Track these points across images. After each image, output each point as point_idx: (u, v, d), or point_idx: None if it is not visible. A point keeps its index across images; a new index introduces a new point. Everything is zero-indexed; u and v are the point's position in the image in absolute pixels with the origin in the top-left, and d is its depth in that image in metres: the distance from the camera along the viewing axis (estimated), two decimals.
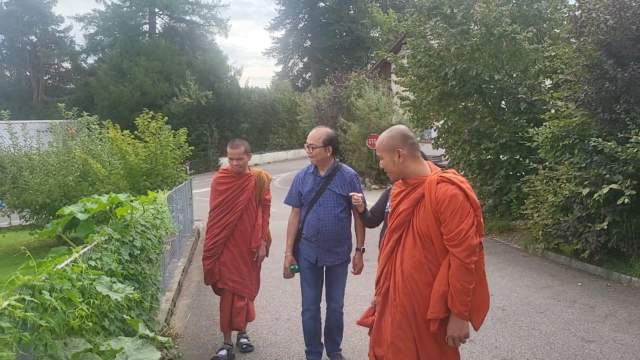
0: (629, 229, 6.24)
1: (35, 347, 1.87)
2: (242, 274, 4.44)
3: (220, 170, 4.57)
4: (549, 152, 7.37)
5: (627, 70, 5.79)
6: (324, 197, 3.73)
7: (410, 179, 2.54)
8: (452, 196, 2.39)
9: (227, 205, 4.37)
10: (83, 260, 2.56)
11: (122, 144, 9.83)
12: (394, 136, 2.56)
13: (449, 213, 2.37)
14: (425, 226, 2.45)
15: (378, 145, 2.61)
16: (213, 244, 4.41)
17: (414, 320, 2.42)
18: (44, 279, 1.99)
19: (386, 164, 2.59)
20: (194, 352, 4.57)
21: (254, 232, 4.44)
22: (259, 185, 4.47)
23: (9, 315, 1.68)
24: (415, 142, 2.57)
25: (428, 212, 2.44)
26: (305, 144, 3.83)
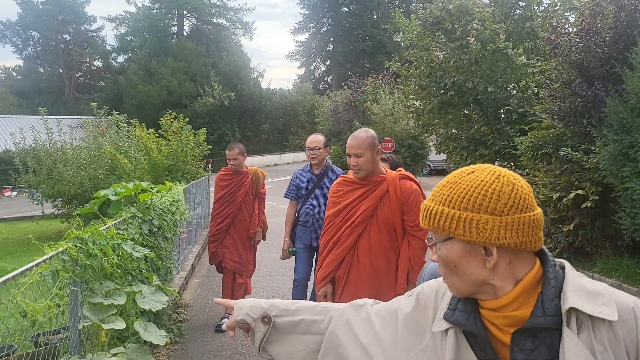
0: (593, 230, 6.92)
1: (82, 280, 2.77)
2: (241, 256, 5.32)
3: (222, 169, 5.44)
4: (530, 160, 8.08)
5: (590, 89, 6.49)
6: (318, 191, 4.44)
7: (374, 177, 2.89)
8: (415, 190, 2.89)
9: (228, 198, 5.24)
10: (114, 228, 3.46)
11: (147, 141, 10.85)
12: (374, 136, 2.88)
13: (414, 204, 2.84)
14: (390, 217, 2.87)
15: (360, 143, 2.82)
16: (217, 231, 5.30)
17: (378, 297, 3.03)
18: (89, 235, 2.89)
19: (366, 161, 2.83)
20: (200, 317, 5.47)
21: (252, 221, 5.33)
22: (255, 181, 5.34)
23: (67, 253, 2.57)
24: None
25: (394, 204, 2.85)
26: (306, 148, 4.49)
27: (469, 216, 1.00)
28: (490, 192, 1.00)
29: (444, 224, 1.02)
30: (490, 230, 0.98)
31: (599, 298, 0.96)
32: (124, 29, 48.81)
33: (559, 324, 0.96)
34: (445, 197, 1.04)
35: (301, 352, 1.29)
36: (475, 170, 1.06)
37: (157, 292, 3.31)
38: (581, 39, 6.74)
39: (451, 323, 1.06)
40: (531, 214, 1.01)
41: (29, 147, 13.63)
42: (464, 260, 1.02)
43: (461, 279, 1.04)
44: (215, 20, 49.00)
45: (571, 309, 0.96)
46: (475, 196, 1.00)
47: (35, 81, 50.21)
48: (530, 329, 0.98)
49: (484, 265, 1.01)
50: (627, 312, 0.95)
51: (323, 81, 57.92)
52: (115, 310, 2.91)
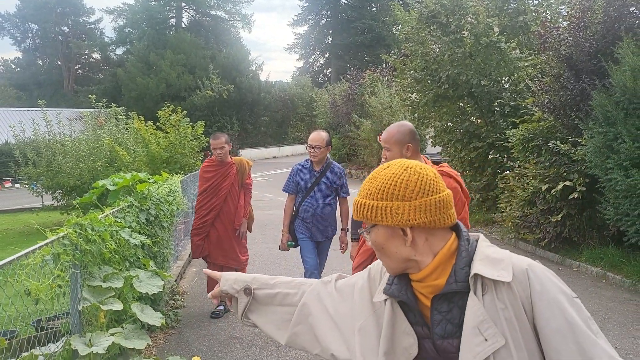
0: (580, 221, 7.10)
1: (81, 264, 2.94)
2: (226, 250, 5.21)
3: (206, 160, 5.38)
4: (521, 152, 8.24)
5: (578, 83, 6.64)
6: (318, 188, 4.48)
7: None
8: (453, 189, 2.66)
9: (213, 190, 5.14)
10: (112, 216, 3.62)
11: (146, 134, 10.99)
12: (404, 131, 2.76)
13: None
14: None
15: (388, 138, 2.75)
16: (202, 224, 5.19)
17: None
18: (88, 222, 3.05)
19: (393, 156, 2.72)
20: (196, 304, 5.64)
21: (237, 213, 5.20)
22: (241, 171, 5.24)
23: (68, 238, 2.73)
24: (418, 138, 2.83)
25: None
26: (307, 146, 4.46)
27: (384, 204, 1.16)
28: (399, 182, 1.16)
29: (367, 214, 1.19)
30: (402, 214, 1.14)
31: (500, 264, 1.12)
32: (122, 21, 48.75)
33: (466, 288, 1.12)
34: (367, 191, 1.20)
35: (277, 321, 1.46)
36: (389, 166, 1.22)
37: (154, 276, 3.48)
38: (570, 33, 6.88)
39: (388, 295, 1.23)
40: (437, 196, 1.16)
41: (28, 140, 13.73)
42: (388, 243, 1.18)
43: (390, 258, 1.20)
44: (213, 12, 48.92)
45: (476, 275, 1.11)
46: (387, 187, 1.16)
47: (34, 73, 50.21)
48: (445, 294, 1.14)
49: (405, 244, 1.17)
50: (522, 274, 1.10)
51: (322, 74, 57.89)
52: (113, 293, 3.08)
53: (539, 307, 1.07)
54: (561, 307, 1.06)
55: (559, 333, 1.05)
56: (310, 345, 1.41)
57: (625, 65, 5.64)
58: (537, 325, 1.08)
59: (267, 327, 1.48)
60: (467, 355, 1.08)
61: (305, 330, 1.41)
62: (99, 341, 2.79)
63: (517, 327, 1.07)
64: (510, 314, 1.08)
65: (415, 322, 1.20)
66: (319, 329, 1.39)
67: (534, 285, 1.09)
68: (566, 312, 1.06)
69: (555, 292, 1.09)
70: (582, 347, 1.04)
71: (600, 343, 1.06)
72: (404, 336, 1.20)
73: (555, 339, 1.05)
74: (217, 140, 5.08)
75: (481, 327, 1.07)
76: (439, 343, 1.15)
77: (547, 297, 1.07)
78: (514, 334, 1.07)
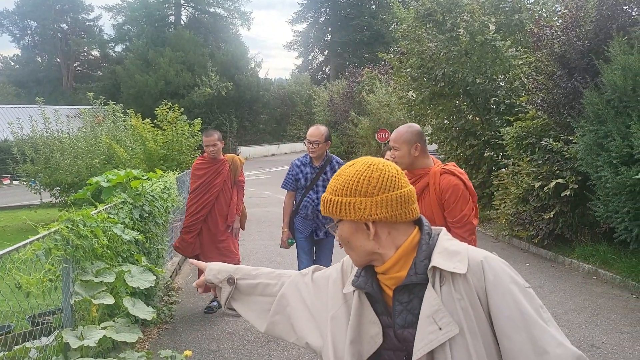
0: (573, 218, 7.15)
1: (73, 259, 2.99)
2: (220, 248, 5.14)
3: (198, 158, 5.34)
4: (515, 150, 8.30)
5: (570, 81, 6.69)
6: (318, 184, 4.30)
7: (417, 170, 2.90)
8: (454, 186, 2.77)
9: (205, 187, 5.07)
10: (105, 212, 3.67)
11: (143, 131, 11.03)
12: (414, 132, 2.88)
13: (452, 200, 2.76)
14: (430, 211, 2.82)
15: (397, 137, 2.87)
16: (194, 221, 5.12)
17: None
18: (80, 218, 3.10)
19: (402, 155, 2.86)
20: (190, 300, 5.70)
21: (230, 210, 5.16)
22: (233, 168, 5.21)
23: (59, 233, 2.79)
24: (425, 139, 2.96)
25: (432, 199, 2.82)
26: (306, 141, 4.33)
27: (348, 200, 1.21)
28: (361, 179, 1.21)
29: (332, 210, 1.24)
30: (364, 209, 1.19)
31: (456, 256, 1.17)
32: (121, 19, 48.72)
33: (426, 279, 1.17)
34: (333, 188, 1.26)
35: (257, 310, 1.53)
36: (354, 163, 1.27)
37: (146, 272, 3.53)
38: (563, 31, 6.93)
39: (355, 287, 1.29)
40: (398, 192, 1.21)
41: (26, 137, 13.76)
42: (353, 237, 1.24)
43: (355, 252, 1.26)
44: (212, 9, 48.91)
45: (434, 267, 1.17)
46: (351, 183, 1.22)
47: (33, 70, 50.21)
48: (406, 285, 1.20)
49: (368, 238, 1.22)
50: (477, 265, 1.16)
51: (321, 71, 57.92)
52: (105, 287, 3.13)
53: (492, 296, 1.13)
54: (513, 297, 1.12)
55: (511, 321, 1.10)
56: (287, 334, 1.47)
57: (616, 64, 5.69)
58: (492, 313, 1.13)
59: (249, 315, 1.55)
60: (420, 343, 1.14)
61: (283, 320, 1.47)
62: (91, 334, 2.84)
63: (473, 316, 1.12)
64: (466, 304, 1.13)
65: (380, 313, 1.25)
66: (296, 319, 1.44)
67: (488, 276, 1.14)
68: (518, 301, 1.12)
69: (508, 282, 1.14)
70: (532, 333, 1.09)
71: (550, 330, 1.11)
72: (370, 325, 1.25)
73: (507, 327, 1.11)
74: (209, 137, 5.03)
75: (436, 316, 1.13)
76: (399, 332, 1.20)
77: (500, 287, 1.13)
78: (469, 323, 1.12)
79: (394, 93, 13.32)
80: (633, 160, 5.45)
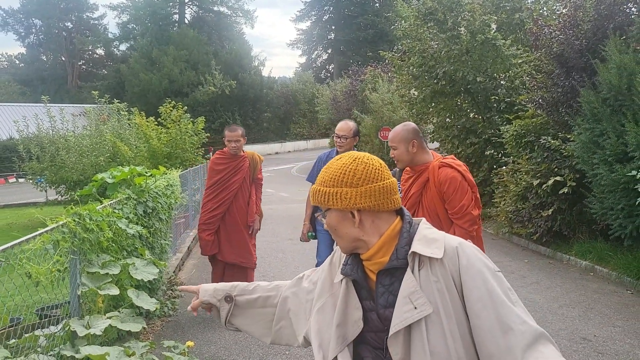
0: (571, 215, 7.24)
1: (80, 251, 3.11)
2: (238, 247, 4.94)
3: (218, 152, 5.12)
4: (514, 148, 8.39)
5: (568, 79, 6.78)
6: None
7: (418, 166, 2.99)
8: (451, 178, 2.86)
9: (223, 184, 4.85)
10: (110, 207, 3.80)
11: (147, 129, 11.18)
12: (409, 130, 2.98)
13: (451, 192, 2.85)
14: (433, 204, 2.93)
15: (394, 137, 2.97)
16: (211, 218, 4.88)
17: None
18: (86, 212, 3.22)
19: (400, 153, 2.97)
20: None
21: (249, 208, 4.96)
22: (252, 165, 4.99)
23: (67, 226, 2.91)
24: (422, 136, 3.05)
25: (433, 192, 2.92)
26: (334, 135, 4.27)
27: (335, 190, 1.31)
28: (347, 171, 1.32)
29: (321, 199, 1.34)
30: (350, 199, 1.30)
31: (434, 243, 1.28)
32: (125, 17, 48.94)
33: (405, 264, 1.28)
34: (322, 180, 1.36)
35: (260, 322, 1.62)
36: (342, 157, 1.37)
37: (149, 265, 3.66)
38: (561, 31, 7.01)
39: (343, 274, 1.39)
40: (381, 183, 1.31)
41: (32, 135, 13.91)
42: (340, 225, 1.34)
43: (342, 239, 1.36)
44: (216, 8, 49.07)
45: (413, 253, 1.27)
46: (337, 175, 1.32)
47: (38, 69, 50.47)
48: (388, 269, 1.30)
49: (354, 225, 1.32)
50: (452, 251, 1.26)
51: (325, 69, 57.99)
52: (110, 279, 3.26)
53: (465, 279, 1.24)
54: (484, 279, 1.23)
55: (480, 301, 1.21)
56: (292, 339, 1.56)
57: (612, 63, 5.77)
58: (464, 294, 1.24)
59: (252, 328, 1.63)
60: (397, 320, 1.24)
61: (287, 324, 1.57)
62: (97, 323, 2.97)
63: (448, 298, 1.23)
64: (442, 286, 1.24)
65: (364, 298, 1.36)
66: (297, 322, 1.54)
67: (461, 260, 1.25)
68: (488, 283, 1.22)
69: (480, 266, 1.25)
70: (499, 312, 1.20)
71: (516, 310, 1.21)
72: (354, 310, 1.36)
73: (477, 306, 1.21)
74: (234, 133, 4.78)
75: (412, 297, 1.24)
76: (381, 312, 1.31)
77: (472, 270, 1.24)
78: (444, 304, 1.23)
79: (396, 91, 13.41)
80: (627, 158, 5.54)
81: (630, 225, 5.61)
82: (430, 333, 1.22)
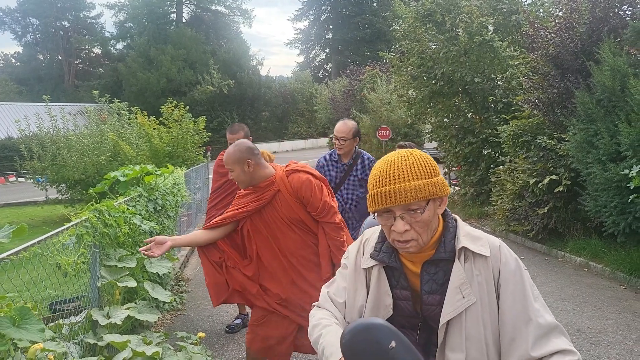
0: (566, 213, 7.43)
1: (100, 245, 3.27)
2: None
3: (222, 153, 4.81)
4: (511, 147, 8.57)
5: (563, 81, 6.96)
6: (348, 182, 4.06)
7: (261, 183, 2.87)
8: (304, 181, 2.83)
9: (229, 187, 4.54)
10: (124, 204, 3.95)
11: (149, 128, 11.32)
12: (242, 149, 2.82)
13: (309, 194, 2.82)
14: (293, 212, 2.87)
15: (227, 160, 2.83)
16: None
17: (308, 281, 2.94)
18: (105, 208, 3.38)
19: (237, 175, 2.83)
20: (199, 290, 5.98)
21: None
22: None
23: (89, 221, 3.07)
24: (259, 151, 2.91)
25: (290, 200, 2.85)
26: (332, 137, 4.03)
27: (433, 180, 1.39)
28: (424, 162, 1.41)
29: (428, 191, 1.38)
30: (443, 185, 1.42)
31: (479, 241, 1.45)
32: (123, 16, 48.97)
33: (452, 257, 1.44)
34: (403, 175, 1.38)
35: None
36: (390, 155, 1.45)
37: (163, 259, 3.82)
38: (556, 34, 7.19)
39: (377, 261, 1.51)
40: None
41: (32, 134, 13.97)
42: (433, 214, 1.42)
43: (428, 230, 1.42)
44: (214, 7, 49.14)
45: (462, 247, 1.43)
46: (423, 167, 1.40)
47: (35, 68, 50.44)
48: (434, 260, 1.46)
49: (436, 212, 1.43)
50: (495, 249, 1.44)
51: (322, 69, 58.15)
52: (127, 272, 3.42)
53: (503, 274, 1.43)
54: (518, 276, 1.43)
55: (513, 294, 1.40)
56: None
57: (606, 66, 5.95)
58: (501, 287, 1.42)
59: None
60: (449, 308, 1.41)
61: None
62: (116, 314, 3.13)
63: (486, 290, 1.41)
64: (482, 279, 1.42)
65: (396, 286, 1.51)
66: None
67: (502, 258, 1.44)
68: (520, 280, 1.42)
69: (516, 265, 1.45)
70: (525, 305, 1.39)
71: (536, 305, 1.40)
72: (385, 296, 1.51)
73: (509, 299, 1.40)
74: (234, 135, 4.24)
75: (462, 287, 1.41)
76: (425, 297, 1.47)
77: (510, 267, 1.43)
78: (482, 295, 1.41)
79: (394, 91, 13.58)
80: (620, 158, 5.73)
81: (623, 222, 5.80)
82: (467, 320, 1.40)
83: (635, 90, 5.39)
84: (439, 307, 1.44)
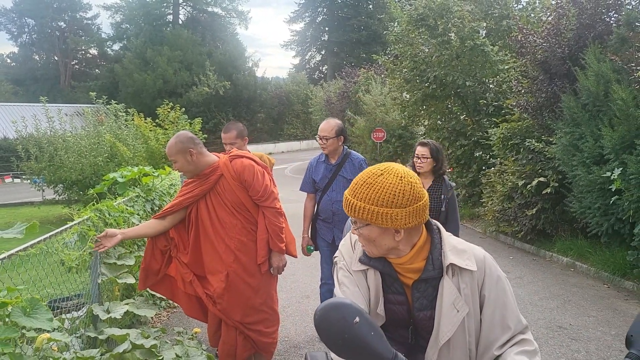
0: (553, 214, 7.62)
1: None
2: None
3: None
4: (501, 150, 8.76)
5: (551, 85, 7.15)
6: (336, 183, 3.96)
7: (205, 170, 3.01)
8: (247, 166, 2.99)
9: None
10: (123, 204, 4.10)
11: (145, 130, 11.45)
12: (182, 140, 2.95)
13: (251, 178, 2.96)
14: (235, 196, 3.00)
15: (170, 151, 2.94)
16: None
17: (247, 268, 3.08)
18: (105, 208, 3.53)
19: (181, 165, 2.96)
20: None
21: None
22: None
23: (91, 220, 3.22)
24: (199, 141, 3.04)
25: (233, 185, 2.99)
26: (317, 136, 3.97)
27: (385, 211, 1.39)
28: (397, 192, 1.39)
29: (365, 216, 1.42)
30: (400, 219, 1.40)
31: (465, 254, 1.49)
32: (119, 17, 48.94)
33: (441, 273, 1.48)
34: (365, 196, 1.42)
35: None
36: (383, 173, 1.43)
37: None
38: (544, 39, 7.38)
39: (369, 266, 1.54)
40: (422, 201, 1.43)
41: (28, 135, 14.03)
42: (379, 237, 1.46)
43: (377, 248, 1.49)
44: (210, 8, 49.22)
45: (451, 264, 1.47)
46: (387, 196, 1.39)
47: (31, 69, 50.37)
48: (424, 278, 1.50)
49: (394, 239, 1.45)
50: (480, 262, 1.49)
51: (318, 70, 58.33)
52: (126, 269, 3.57)
53: (486, 283, 1.51)
54: (499, 284, 1.51)
55: (494, 302, 1.49)
56: None
57: (590, 71, 6.15)
58: (485, 297, 1.50)
59: None
60: (448, 326, 1.47)
61: None
62: (116, 309, 3.28)
63: (471, 300, 1.50)
64: (468, 291, 1.50)
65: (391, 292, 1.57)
66: None
67: (486, 270, 1.51)
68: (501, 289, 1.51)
69: (497, 274, 1.53)
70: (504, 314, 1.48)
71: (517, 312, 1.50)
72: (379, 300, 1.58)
73: (490, 306, 1.49)
74: (227, 134, 4.07)
75: (455, 303, 1.49)
76: (417, 314, 1.56)
77: (492, 277, 1.51)
78: (469, 305, 1.50)
79: (389, 94, 13.77)
80: (603, 160, 5.92)
81: (606, 223, 5.99)
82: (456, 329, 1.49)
83: (618, 96, 5.58)
84: (430, 321, 1.52)
